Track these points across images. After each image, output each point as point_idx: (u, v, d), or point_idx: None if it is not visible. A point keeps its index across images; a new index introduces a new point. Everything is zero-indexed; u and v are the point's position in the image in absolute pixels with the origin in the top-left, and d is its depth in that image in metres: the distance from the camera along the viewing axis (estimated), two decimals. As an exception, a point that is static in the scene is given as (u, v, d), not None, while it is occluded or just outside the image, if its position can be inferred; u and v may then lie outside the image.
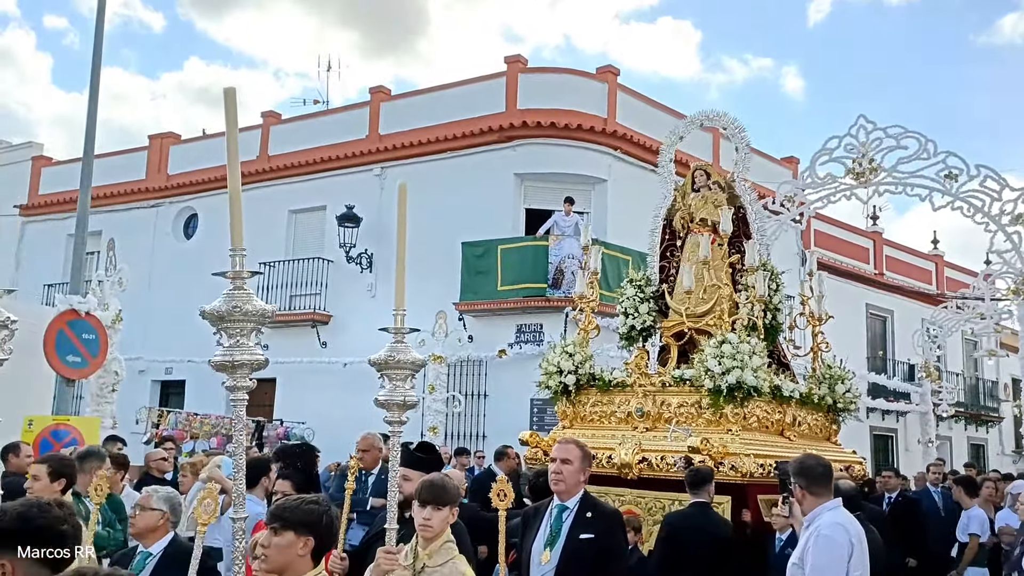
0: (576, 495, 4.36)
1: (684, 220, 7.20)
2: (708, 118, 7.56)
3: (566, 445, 4.44)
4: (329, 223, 17.12)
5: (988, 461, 24.64)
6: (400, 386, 2.95)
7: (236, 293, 2.26)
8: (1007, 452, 26.38)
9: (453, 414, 14.33)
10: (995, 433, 26.13)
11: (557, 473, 4.33)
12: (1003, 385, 26.60)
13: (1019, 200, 11.31)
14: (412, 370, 2.98)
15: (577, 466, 4.36)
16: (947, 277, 25.74)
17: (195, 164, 19.63)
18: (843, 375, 6.89)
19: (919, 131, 11.77)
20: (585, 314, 6.91)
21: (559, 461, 4.36)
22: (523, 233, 15.37)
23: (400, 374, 2.96)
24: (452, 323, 14.64)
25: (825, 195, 12.70)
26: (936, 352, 19.28)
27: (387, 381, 3.00)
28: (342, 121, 17.90)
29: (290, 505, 3.07)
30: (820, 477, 4.13)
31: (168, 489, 4.60)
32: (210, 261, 18.55)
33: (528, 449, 6.57)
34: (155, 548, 4.20)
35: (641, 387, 6.36)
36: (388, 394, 2.96)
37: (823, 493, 4.09)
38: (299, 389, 16.06)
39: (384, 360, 2.95)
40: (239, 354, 2.27)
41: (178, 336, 17.17)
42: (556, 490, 4.38)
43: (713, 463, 5.57)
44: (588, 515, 4.29)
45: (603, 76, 15.80)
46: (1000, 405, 26.25)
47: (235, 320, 2.25)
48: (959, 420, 23.24)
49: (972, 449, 24.83)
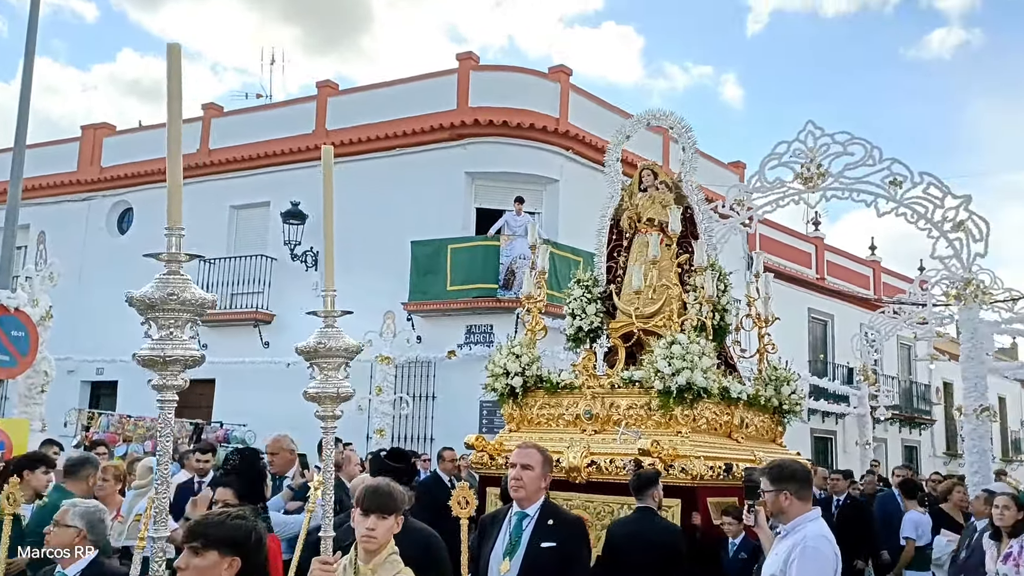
0: (537, 502, 4.21)
1: (631, 220, 7.11)
2: (655, 117, 7.47)
3: (527, 450, 4.29)
4: (273, 220, 16.66)
5: (921, 463, 25.31)
6: (333, 376, 2.66)
7: (171, 279, 1.95)
8: (939, 454, 27.15)
9: (401, 416, 14.05)
10: (928, 435, 26.86)
11: (517, 479, 4.17)
12: (935, 389, 27.38)
13: (961, 207, 11.57)
14: (346, 358, 2.68)
15: (538, 472, 4.20)
16: (884, 283, 26.35)
17: (130, 156, 18.96)
18: (789, 376, 6.88)
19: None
20: (532, 314, 6.77)
21: (519, 467, 4.19)
22: (474, 233, 15.17)
23: (332, 363, 2.67)
24: (400, 323, 14.37)
25: (774, 199, 12.80)
26: (874, 356, 19.70)
27: (317, 372, 2.71)
28: (287, 115, 17.45)
29: (213, 520, 2.69)
30: (806, 483, 3.98)
31: (89, 503, 4.17)
32: (146, 257, 18.05)
33: (474, 453, 6.40)
34: (72, 571, 3.75)
35: (589, 389, 6.24)
36: (319, 386, 2.66)
37: (808, 499, 3.91)
38: (240, 390, 15.57)
39: (313, 348, 2.64)
40: (171, 348, 1.95)
41: (110, 335, 16.50)
42: (516, 497, 4.22)
43: (663, 465, 5.47)
44: (550, 523, 4.14)
45: (555, 76, 15.70)
46: (932, 408, 27.01)
47: (168, 309, 1.94)
48: (894, 422, 23.81)
49: (906, 451, 25.47)
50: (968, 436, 11.42)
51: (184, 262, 1.98)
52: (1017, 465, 29.94)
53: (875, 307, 21.59)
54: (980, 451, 11.11)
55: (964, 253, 11.57)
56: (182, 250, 1.98)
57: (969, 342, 11.52)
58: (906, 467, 16.28)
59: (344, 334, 2.71)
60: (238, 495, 4.50)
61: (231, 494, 4.51)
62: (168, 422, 2.04)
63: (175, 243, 1.97)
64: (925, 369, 26.38)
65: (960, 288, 11.92)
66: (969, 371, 11.52)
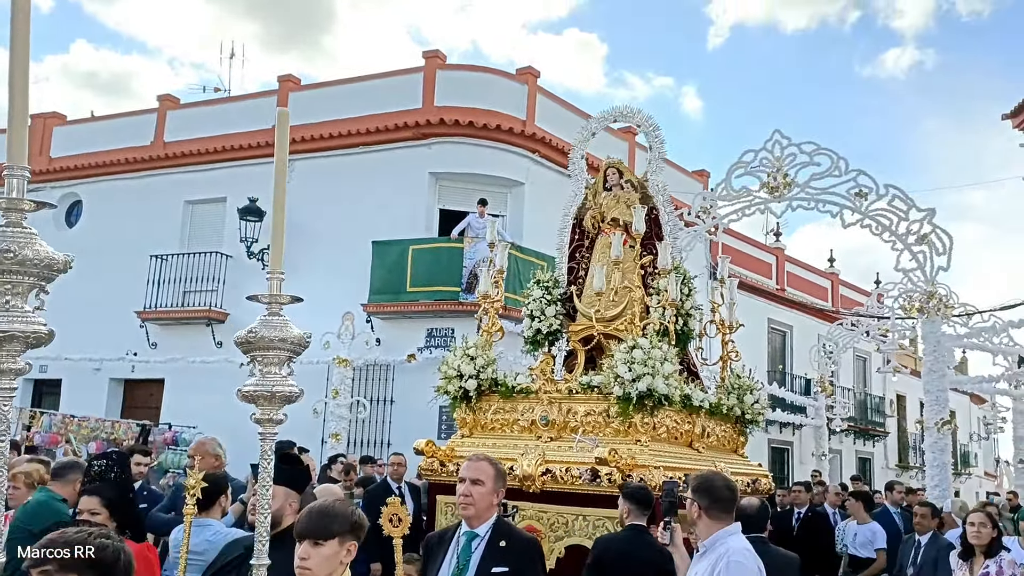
0: (488, 521, 3.80)
1: (595, 220, 6.88)
2: (622, 114, 7.22)
3: (477, 463, 3.88)
4: (229, 216, 16.18)
5: (874, 474, 25.56)
6: (273, 372, 2.26)
7: (8, 232, 1.52)
8: (891, 466, 27.47)
9: (358, 420, 13.70)
10: (881, 447, 27.15)
11: (466, 496, 3.75)
12: (889, 401, 27.73)
13: (925, 221, 11.61)
14: (290, 351, 2.28)
15: (489, 487, 3.80)
16: (842, 295, 26.62)
17: (81, 147, 18.33)
18: (752, 385, 6.70)
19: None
20: (489, 315, 6.49)
21: (468, 481, 3.78)
22: (436, 234, 14.86)
23: (273, 357, 2.27)
24: (360, 325, 14.03)
25: (740, 208, 12.75)
26: (831, 367, 19.83)
27: (256, 367, 2.31)
28: (247, 109, 16.98)
29: (71, 539, 2.18)
30: (725, 500, 3.77)
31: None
32: (95, 251, 17.44)
33: (423, 459, 6.04)
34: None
35: (546, 394, 5.95)
36: (257, 384, 2.26)
37: (724, 518, 3.73)
38: (190, 391, 15.07)
39: (252, 338, 2.24)
40: (9, 322, 1.53)
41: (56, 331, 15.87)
42: (465, 515, 3.81)
43: (621, 475, 5.22)
44: (502, 544, 3.74)
45: (523, 77, 15.49)
46: (886, 420, 27.34)
47: (5, 271, 1.51)
48: (849, 434, 24.02)
49: (860, 462, 25.71)
50: (929, 449, 11.45)
51: (29, 211, 1.53)
52: (966, 478, 30.46)
53: (833, 319, 21.78)
54: (941, 464, 11.14)
55: (927, 266, 11.60)
56: (25, 195, 1.53)
57: (932, 355, 11.55)
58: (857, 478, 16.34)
59: (291, 324, 2.34)
60: (107, 504, 3.88)
61: (97, 503, 3.87)
62: (4, 418, 1.57)
63: (17, 186, 1.54)
64: (880, 381, 26.70)
65: (923, 301, 11.96)
66: (931, 384, 11.55)
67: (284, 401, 2.26)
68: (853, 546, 8.62)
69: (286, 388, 2.24)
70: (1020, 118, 13.20)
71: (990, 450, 32.89)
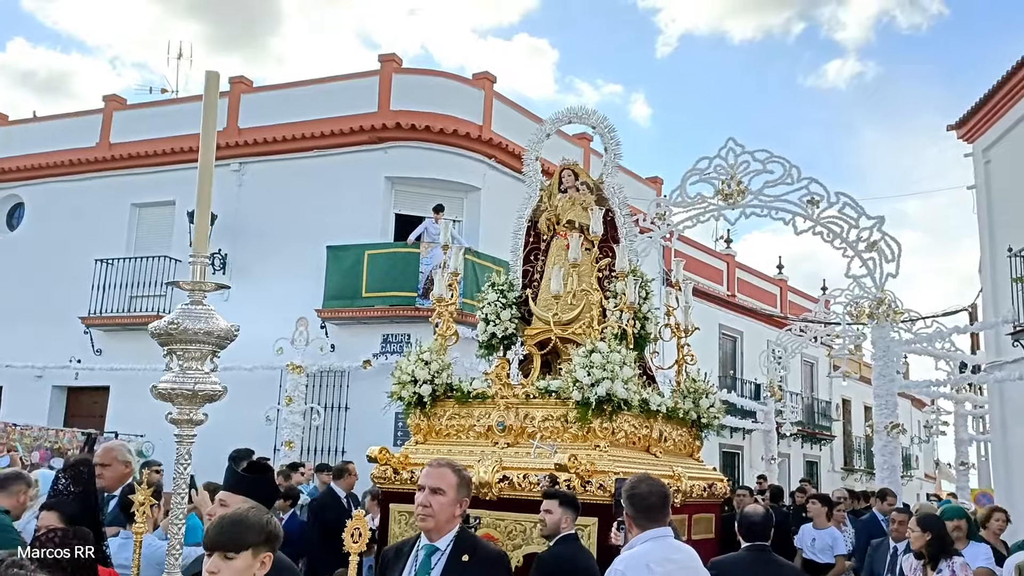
0: (449, 533, 3.46)
1: (550, 222, 6.80)
2: (576, 115, 7.13)
3: (439, 469, 3.50)
4: (178, 219, 15.82)
5: (821, 478, 26.02)
6: (195, 368, 2.03)
7: None
8: (837, 469, 28.00)
9: (312, 427, 13.48)
10: (827, 451, 27.65)
11: (425, 506, 3.42)
12: (835, 405, 28.28)
13: (874, 228, 11.86)
14: (215, 345, 2.06)
15: (452, 497, 3.44)
16: (790, 301, 27.07)
17: (23, 148, 17.79)
18: (708, 389, 6.69)
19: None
20: (444, 318, 6.35)
21: (428, 490, 3.43)
22: (392, 239, 14.73)
23: (194, 351, 2.03)
24: (314, 330, 13.82)
25: (695, 214, 12.90)
26: (781, 372, 20.16)
27: (173, 361, 2.08)
28: (196, 111, 16.53)
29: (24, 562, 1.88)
30: (653, 508, 3.55)
31: None
32: (38, 255, 16.91)
33: (376, 467, 5.86)
34: None
35: (503, 399, 5.83)
36: (175, 379, 2.02)
37: (652, 527, 3.52)
38: (137, 399, 14.61)
39: (172, 330, 2.00)
40: None
41: (-3, 337, 15.40)
42: (423, 527, 3.47)
43: (580, 482, 5.14)
44: (464, 559, 3.42)
45: (479, 83, 15.45)
46: (832, 424, 27.86)
47: None
48: (797, 438, 24.41)
49: (807, 466, 26.15)
50: (879, 452, 11.67)
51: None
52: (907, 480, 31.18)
53: (782, 325, 22.15)
54: (891, 467, 11.36)
55: (877, 272, 11.85)
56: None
57: (881, 360, 11.78)
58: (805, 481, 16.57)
59: (217, 315, 2.09)
60: (67, 520, 3.50)
61: (56, 518, 3.54)
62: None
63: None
64: (826, 386, 27.23)
65: (873, 307, 12.20)
66: (880, 388, 11.77)
67: (205, 400, 2.04)
68: (811, 551, 8.59)
69: (208, 386, 2.00)
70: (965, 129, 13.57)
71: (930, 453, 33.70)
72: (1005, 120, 12.98)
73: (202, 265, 2.04)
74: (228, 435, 9.71)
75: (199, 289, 1.98)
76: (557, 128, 7.34)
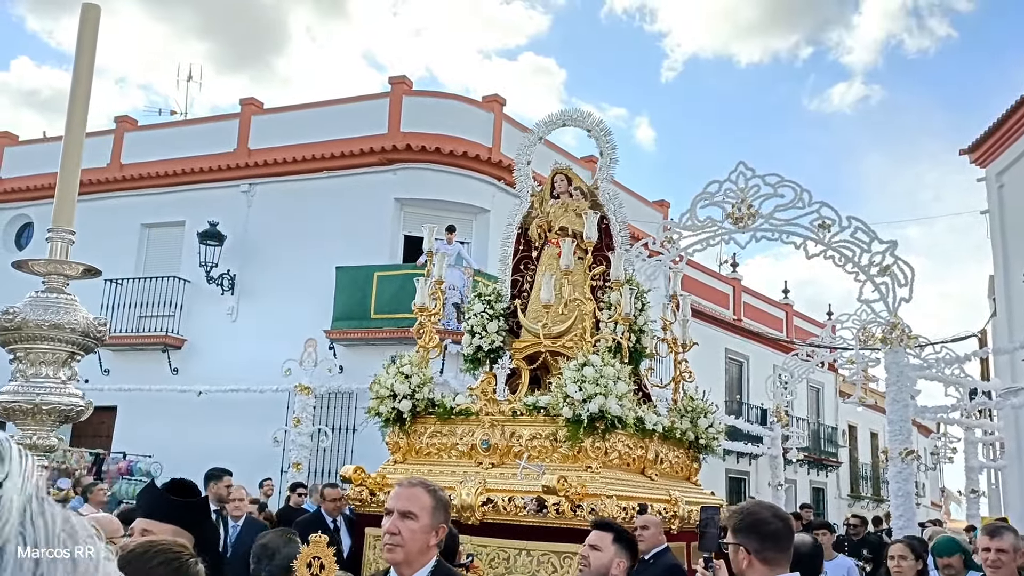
0: (424, 568, 2.75)
1: (541, 229, 6.53)
2: (571, 117, 6.95)
3: (410, 490, 2.80)
4: (188, 240, 15.84)
5: (827, 504, 25.82)
6: (44, 373, 1.47)
7: None
8: (843, 496, 27.78)
9: (320, 449, 13.38)
10: (834, 477, 27.45)
11: (393, 534, 2.72)
12: (842, 431, 28.12)
13: (887, 252, 11.85)
14: (73, 344, 1.51)
15: (426, 523, 2.74)
16: (796, 326, 27.00)
17: (33, 168, 17.80)
18: (706, 408, 6.40)
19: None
20: (426, 329, 6.05)
21: (397, 514, 2.74)
22: (401, 261, 14.71)
23: (40, 351, 1.49)
24: (322, 352, 13.75)
25: (705, 238, 12.89)
26: (787, 397, 20.06)
27: (17, 365, 1.57)
28: (207, 132, 16.70)
29: None
30: (779, 536, 2.79)
31: None
32: (46, 275, 16.89)
33: (351, 487, 5.55)
34: None
35: (488, 416, 5.48)
36: (18, 389, 1.51)
37: (781, 560, 2.78)
38: (144, 419, 14.61)
39: (8, 323, 1.50)
40: None
41: None
42: (391, 559, 2.76)
43: (570, 505, 4.78)
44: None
45: (489, 105, 15.51)
46: (839, 450, 27.68)
47: None
48: (803, 464, 24.24)
49: (813, 492, 25.94)
50: (893, 479, 11.55)
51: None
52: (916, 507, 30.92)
53: (788, 349, 22.07)
54: (905, 494, 11.23)
55: (890, 297, 11.82)
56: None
57: (895, 385, 11.70)
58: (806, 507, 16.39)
59: (78, 304, 1.52)
60: None
61: None
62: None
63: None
64: (832, 412, 27.09)
65: (887, 332, 12.15)
66: (894, 414, 11.68)
67: (60, 419, 1.45)
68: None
69: (62, 398, 1.40)
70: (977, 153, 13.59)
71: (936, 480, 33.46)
72: (1019, 144, 13.01)
73: (65, 243, 1.47)
74: (235, 457, 9.65)
75: (58, 273, 1.40)
76: (551, 131, 7.11)
